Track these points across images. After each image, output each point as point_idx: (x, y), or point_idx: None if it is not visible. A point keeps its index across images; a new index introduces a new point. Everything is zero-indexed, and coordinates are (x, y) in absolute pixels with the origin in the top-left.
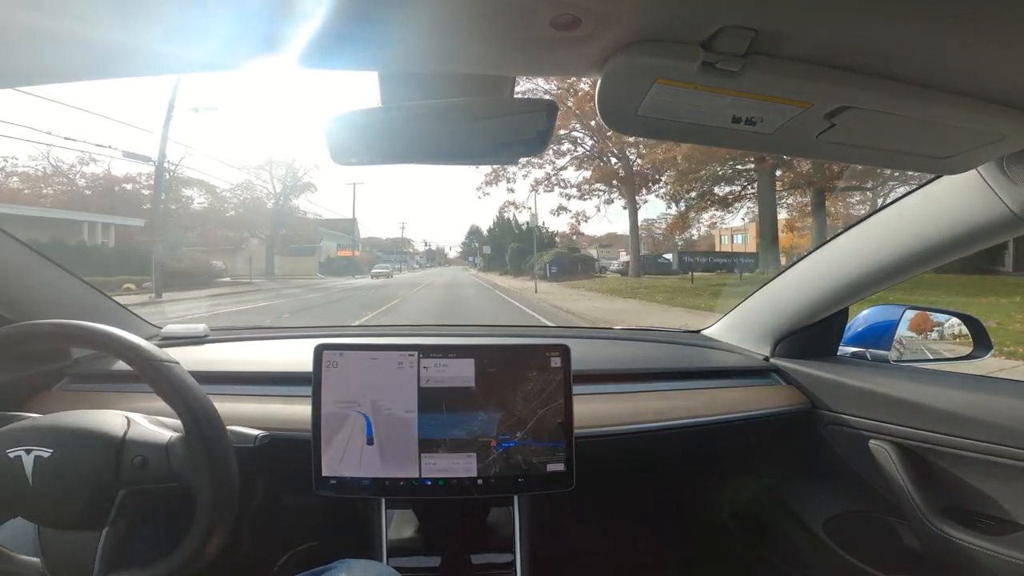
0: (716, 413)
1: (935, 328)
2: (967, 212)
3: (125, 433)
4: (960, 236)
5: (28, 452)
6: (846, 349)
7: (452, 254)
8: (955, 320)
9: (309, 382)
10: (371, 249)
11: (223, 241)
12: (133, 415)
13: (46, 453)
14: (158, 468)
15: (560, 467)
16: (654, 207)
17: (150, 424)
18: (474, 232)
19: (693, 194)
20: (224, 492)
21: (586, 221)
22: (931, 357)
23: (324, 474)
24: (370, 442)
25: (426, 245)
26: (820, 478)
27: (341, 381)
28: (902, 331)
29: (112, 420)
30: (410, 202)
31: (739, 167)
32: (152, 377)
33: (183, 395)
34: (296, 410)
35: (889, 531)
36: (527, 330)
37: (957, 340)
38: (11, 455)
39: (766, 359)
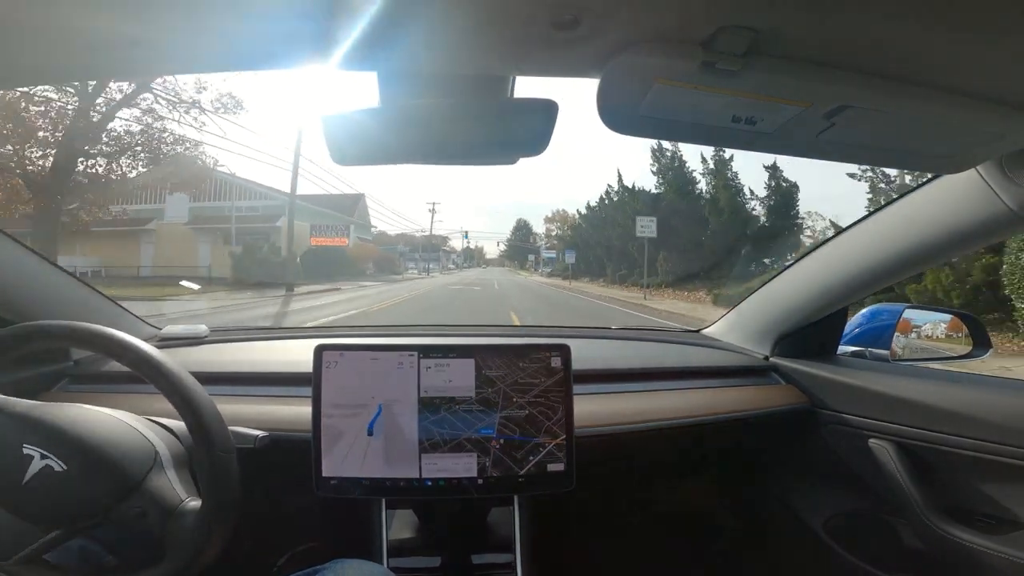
0: (716, 412)
1: (914, 330)
2: (967, 211)
3: (144, 476)
4: (960, 235)
5: (42, 457)
6: (846, 348)
7: (492, 253)
8: (944, 320)
9: (309, 382)
10: (394, 246)
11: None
12: (163, 447)
13: (58, 467)
14: (150, 523)
15: (560, 467)
16: None
17: (173, 472)
18: (521, 227)
19: None
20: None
21: None
22: (931, 356)
23: (324, 474)
24: (370, 432)
25: (465, 239)
26: (820, 477)
27: (341, 381)
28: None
29: (139, 453)
30: (443, 195)
31: None
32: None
33: (221, 492)
34: (296, 410)
35: (889, 530)
36: (527, 330)
37: (942, 340)
38: (24, 451)
39: (766, 358)
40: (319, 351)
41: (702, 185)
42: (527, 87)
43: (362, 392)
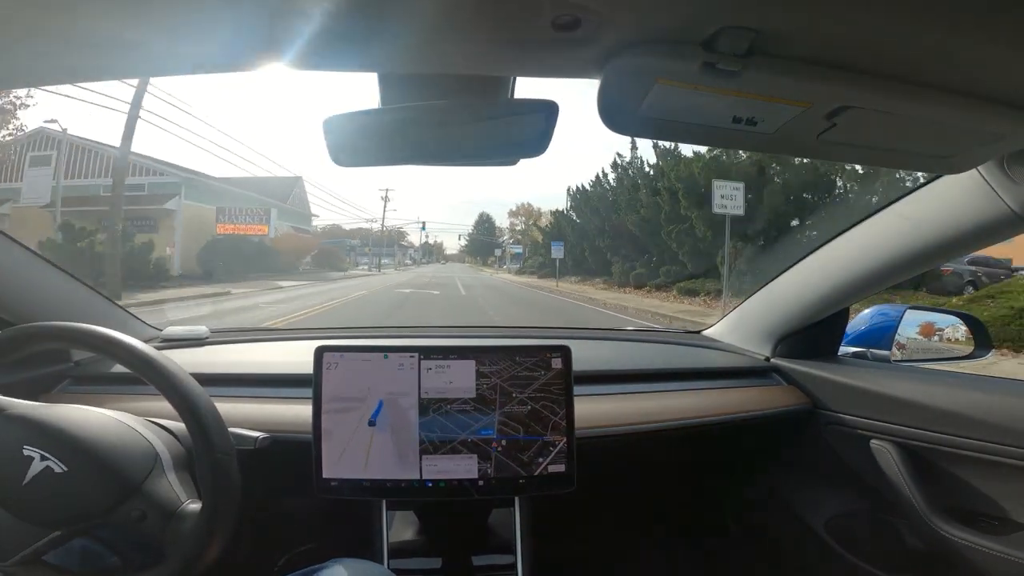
0: (717, 413)
1: (937, 333)
2: (967, 211)
3: (145, 479)
4: (961, 235)
5: (42, 458)
6: (847, 349)
7: (453, 249)
8: (951, 322)
9: (309, 384)
10: (343, 239)
11: None
12: (163, 449)
13: (58, 468)
14: (149, 526)
15: (561, 468)
16: None
17: (173, 475)
18: (484, 221)
19: None
20: (215, 545)
21: None
22: (932, 357)
23: (324, 476)
24: (371, 430)
25: (423, 231)
26: (821, 478)
27: (341, 383)
28: (904, 331)
29: (140, 455)
30: (400, 185)
31: None
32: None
33: (218, 494)
34: (296, 412)
35: (890, 531)
36: (528, 331)
37: (959, 342)
38: (24, 452)
39: (767, 359)
40: (319, 352)
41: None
42: (528, 87)
43: (362, 393)
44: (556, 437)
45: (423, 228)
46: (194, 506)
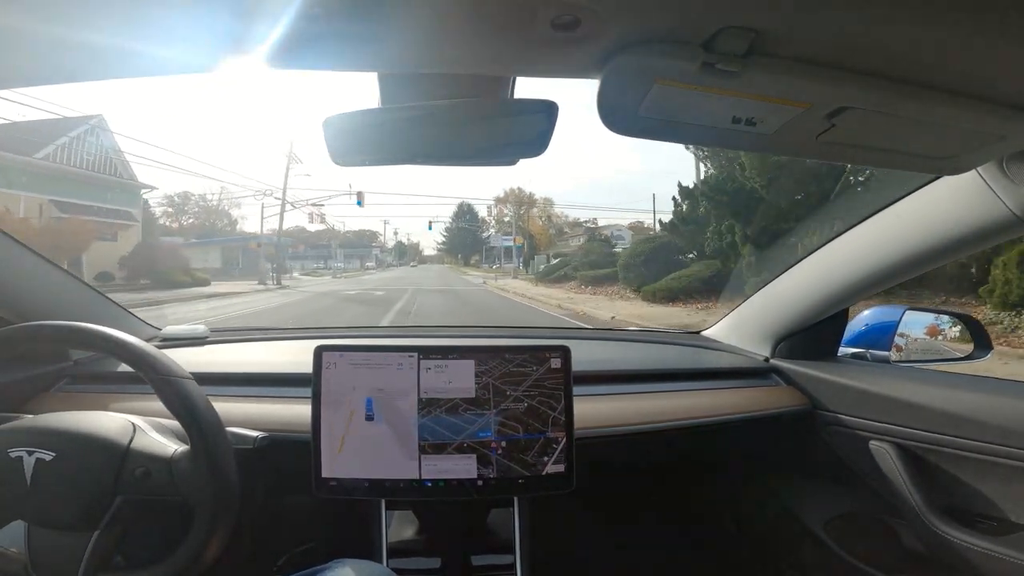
0: (716, 414)
1: (941, 334)
2: (967, 213)
3: (130, 441)
4: (960, 237)
5: (30, 453)
6: (846, 350)
7: (431, 249)
8: (956, 322)
9: (309, 383)
10: (267, 238)
11: None
12: (139, 421)
13: (48, 456)
14: (160, 481)
15: (560, 468)
16: None
17: (156, 433)
18: (465, 212)
19: None
20: (224, 509)
21: None
22: (931, 358)
23: (323, 475)
24: (370, 431)
25: (359, 204)
26: (820, 479)
27: (341, 382)
28: (908, 332)
29: (117, 426)
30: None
31: None
32: (163, 391)
33: (193, 414)
34: (296, 411)
35: (890, 532)
36: (528, 331)
37: (959, 341)
38: (12, 455)
39: (766, 360)
40: (319, 352)
41: None
42: (528, 87)
43: (362, 393)
44: (557, 433)
45: (359, 203)
46: (184, 447)
